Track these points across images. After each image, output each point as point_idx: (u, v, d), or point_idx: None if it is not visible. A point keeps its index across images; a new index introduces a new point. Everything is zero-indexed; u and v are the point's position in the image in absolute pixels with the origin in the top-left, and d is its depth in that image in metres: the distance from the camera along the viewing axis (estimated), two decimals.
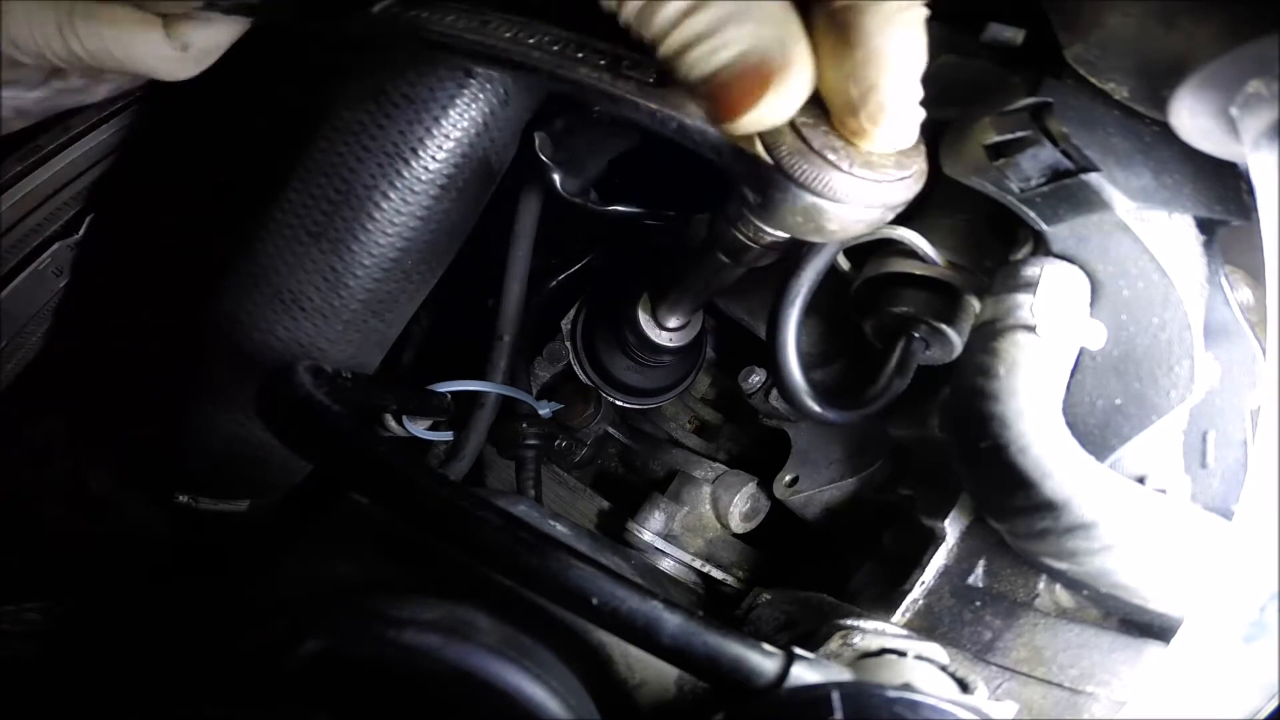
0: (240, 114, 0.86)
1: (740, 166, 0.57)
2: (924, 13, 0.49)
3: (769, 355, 0.76)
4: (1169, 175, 0.57)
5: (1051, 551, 0.57)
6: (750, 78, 0.50)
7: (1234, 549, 0.48)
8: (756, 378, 0.95)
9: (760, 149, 0.55)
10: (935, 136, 0.62)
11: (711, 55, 0.49)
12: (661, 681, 0.56)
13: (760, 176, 0.56)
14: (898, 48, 0.48)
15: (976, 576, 0.66)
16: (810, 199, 0.55)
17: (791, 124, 0.53)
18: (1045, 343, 0.57)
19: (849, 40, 0.48)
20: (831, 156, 0.53)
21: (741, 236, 0.67)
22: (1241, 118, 0.48)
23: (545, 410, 0.99)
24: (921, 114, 0.52)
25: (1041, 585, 0.64)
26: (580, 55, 0.60)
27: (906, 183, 0.56)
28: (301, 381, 0.51)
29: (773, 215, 0.59)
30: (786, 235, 0.64)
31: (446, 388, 0.87)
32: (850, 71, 0.49)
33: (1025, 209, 0.59)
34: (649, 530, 0.96)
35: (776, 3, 0.49)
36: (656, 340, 0.98)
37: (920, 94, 0.51)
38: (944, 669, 0.53)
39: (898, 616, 0.65)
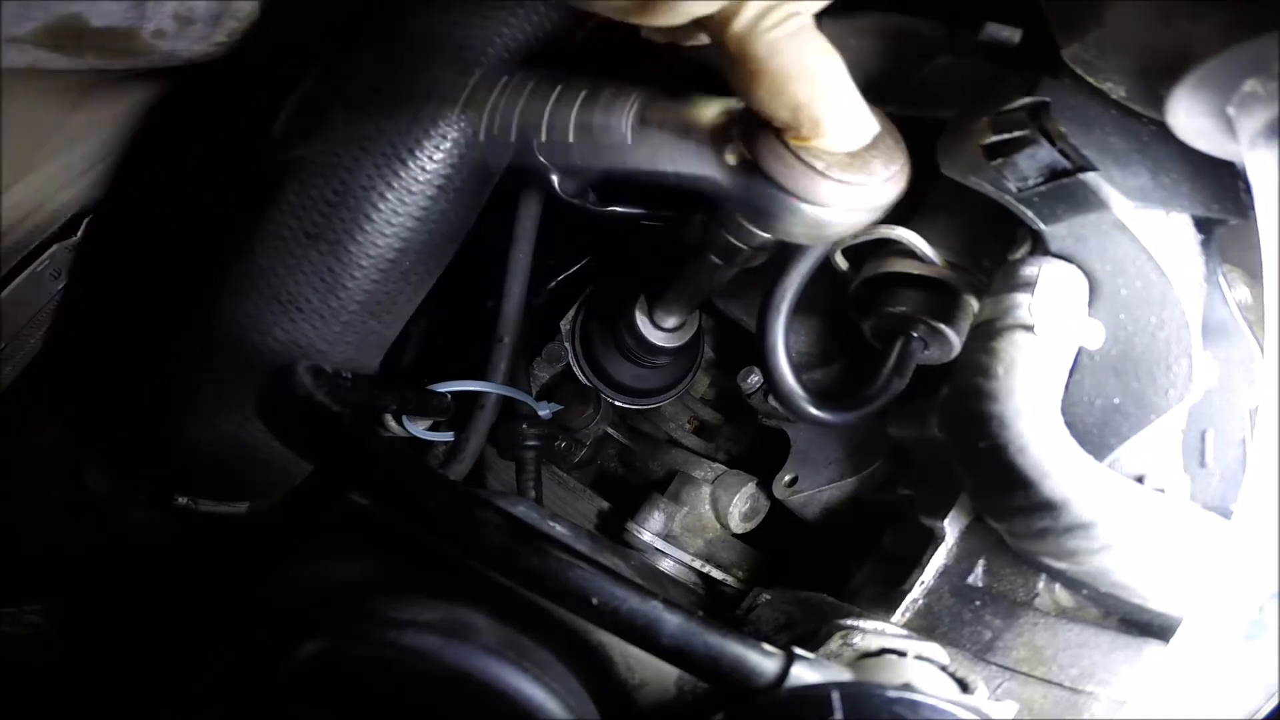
0: (239, 115, 0.86)
1: (731, 186, 0.58)
2: (805, 20, 0.50)
3: (760, 361, 0.76)
4: (1166, 174, 0.57)
5: (1051, 551, 0.57)
6: None
7: (1233, 548, 0.48)
8: (755, 378, 0.95)
9: (742, 158, 0.55)
10: (933, 136, 0.62)
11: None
12: (661, 682, 0.56)
13: (749, 184, 0.56)
14: (795, 64, 0.49)
15: (976, 576, 0.66)
16: (797, 204, 0.56)
17: (776, 133, 0.54)
18: (1043, 342, 0.57)
19: (752, 70, 0.50)
20: (815, 163, 0.54)
21: (732, 239, 0.67)
22: (1238, 117, 0.48)
23: (545, 411, 0.99)
24: (864, 107, 0.53)
25: (1041, 585, 0.64)
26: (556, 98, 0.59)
27: (890, 184, 0.57)
28: (301, 382, 0.51)
29: (761, 220, 0.59)
30: (775, 237, 0.65)
31: (446, 388, 0.87)
32: (769, 99, 0.51)
33: (1023, 208, 0.59)
34: (649, 531, 0.96)
35: None
36: (653, 340, 0.98)
37: (852, 89, 0.52)
38: (944, 669, 0.53)
39: (897, 616, 0.65)
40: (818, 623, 0.60)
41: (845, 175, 0.54)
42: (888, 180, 0.56)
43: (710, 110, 0.59)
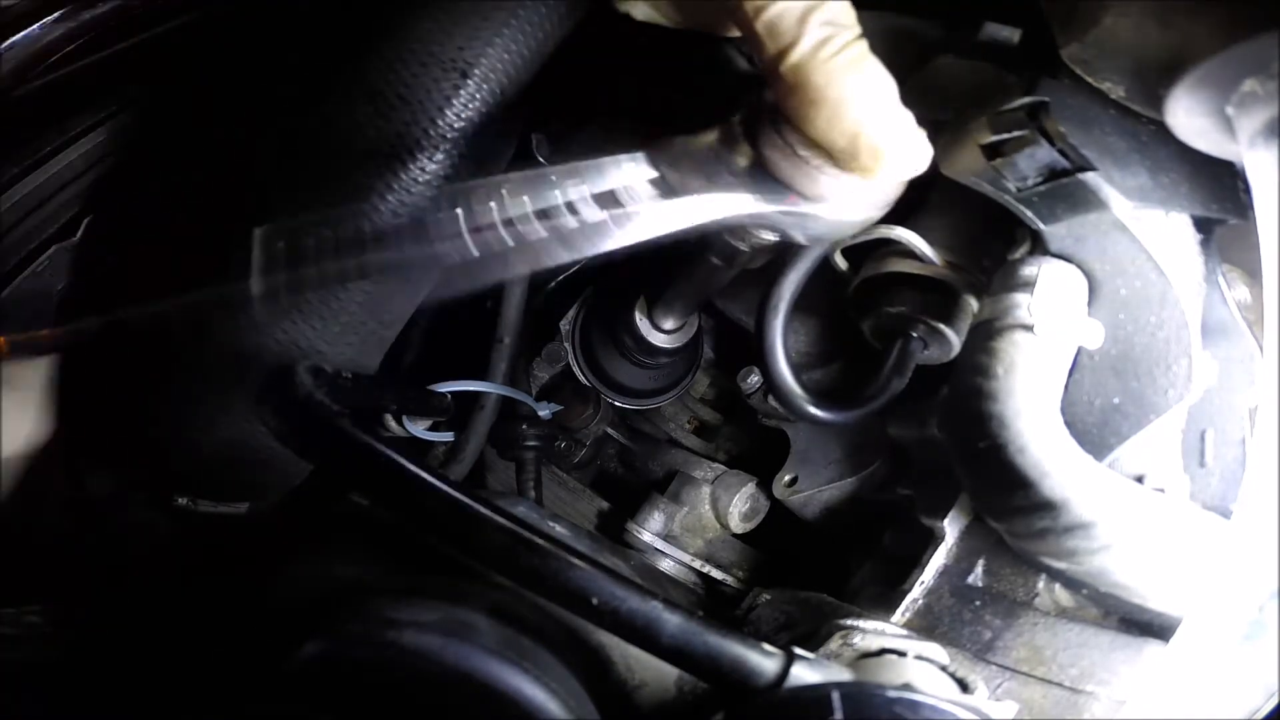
0: (237, 114, 0.86)
1: (748, 192, 0.57)
2: (862, 45, 0.50)
3: (759, 361, 0.76)
4: (1166, 174, 0.57)
5: (1050, 551, 0.57)
6: None
7: (1233, 547, 0.48)
8: (755, 378, 0.95)
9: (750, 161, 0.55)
10: (932, 136, 0.62)
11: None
12: (661, 682, 0.56)
13: (755, 185, 0.56)
14: (856, 92, 0.49)
15: (976, 576, 0.66)
16: (801, 204, 0.55)
17: (778, 130, 0.54)
18: (1043, 342, 0.57)
19: (811, 99, 0.49)
20: (819, 162, 0.53)
21: (732, 240, 0.67)
22: (1237, 116, 0.48)
23: (545, 411, 0.99)
24: (921, 134, 0.53)
25: (1041, 584, 0.64)
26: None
27: (892, 182, 0.57)
28: (302, 382, 0.51)
29: (761, 219, 0.59)
30: (776, 237, 0.65)
31: (447, 388, 0.87)
32: (826, 128, 0.50)
33: (1022, 208, 0.59)
34: (648, 531, 0.96)
35: None
36: (653, 341, 0.98)
37: (908, 117, 0.52)
38: (944, 669, 0.53)
39: (897, 616, 0.65)
40: (818, 623, 0.60)
41: (850, 174, 0.54)
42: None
43: (712, 142, 0.58)
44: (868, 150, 0.50)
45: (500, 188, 0.52)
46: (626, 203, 0.53)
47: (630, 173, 0.54)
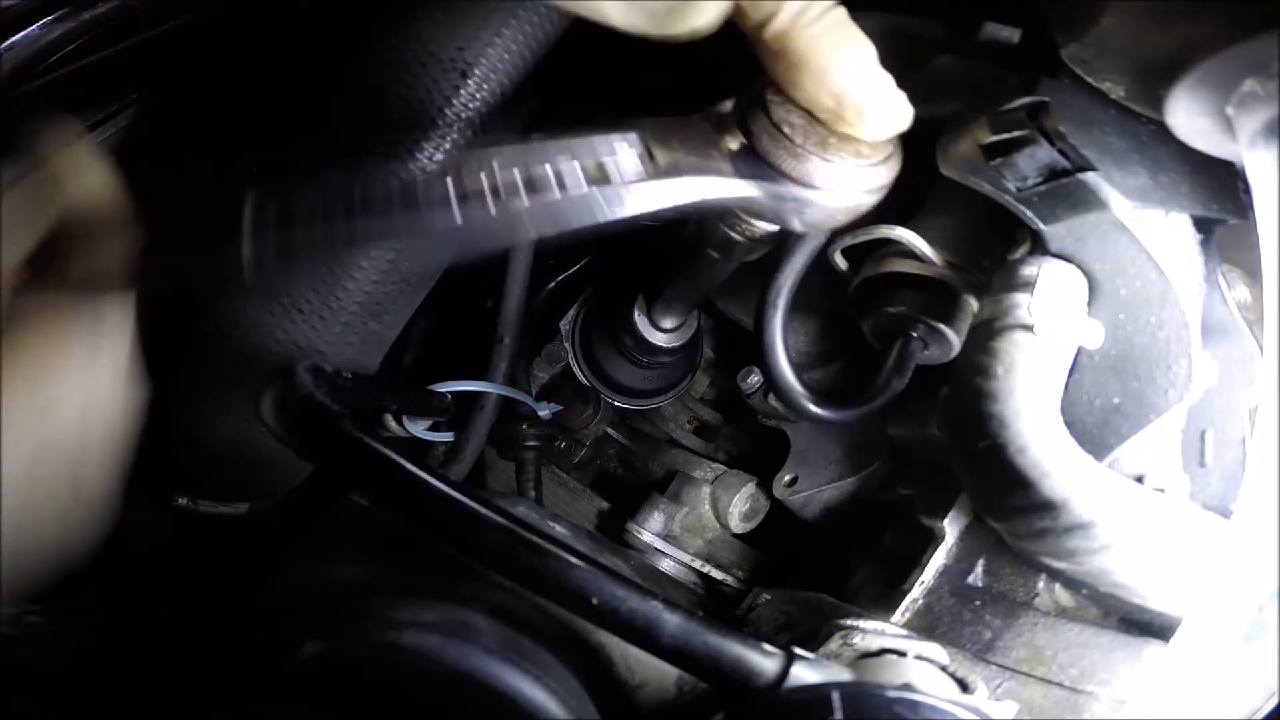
0: (237, 115, 0.86)
1: (743, 184, 0.57)
2: (840, 11, 0.52)
3: (759, 358, 0.76)
4: (1166, 174, 0.57)
5: (1050, 551, 0.57)
6: None
7: (1233, 547, 0.48)
8: (755, 378, 0.95)
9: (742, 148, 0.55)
10: (933, 136, 0.62)
11: None
12: (661, 682, 0.56)
13: (750, 174, 0.56)
14: (838, 56, 0.52)
15: (976, 576, 0.66)
16: (792, 188, 0.56)
17: (770, 118, 0.54)
18: (1043, 342, 0.57)
19: (795, 64, 0.52)
20: (809, 146, 0.54)
21: (730, 232, 0.67)
22: (1237, 116, 0.48)
23: (545, 411, 0.99)
24: (901, 95, 0.54)
25: (1041, 584, 0.64)
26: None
27: (883, 166, 0.57)
28: (302, 382, 0.51)
29: (754, 203, 0.59)
30: (773, 227, 0.65)
31: (447, 388, 0.87)
32: (813, 90, 0.53)
33: (1022, 208, 0.59)
34: (648, 531, 0.96)
35: None
36: (653, 341, 0.98)
37: (888, 78, 0.53)
38: (944, 669, 0.53)
39: (897, 616, 0.65)
40: (818, 623, 0.60)
41: (838, 157, 0.55)
42: (882, 162, 0.57)
43: (704, 125, 0.58)
44: (853, 109, 0.52)
45: (492, 158, 0.52)
46: (614, 178, 0.54)
47: (621, 149, 0.55)
